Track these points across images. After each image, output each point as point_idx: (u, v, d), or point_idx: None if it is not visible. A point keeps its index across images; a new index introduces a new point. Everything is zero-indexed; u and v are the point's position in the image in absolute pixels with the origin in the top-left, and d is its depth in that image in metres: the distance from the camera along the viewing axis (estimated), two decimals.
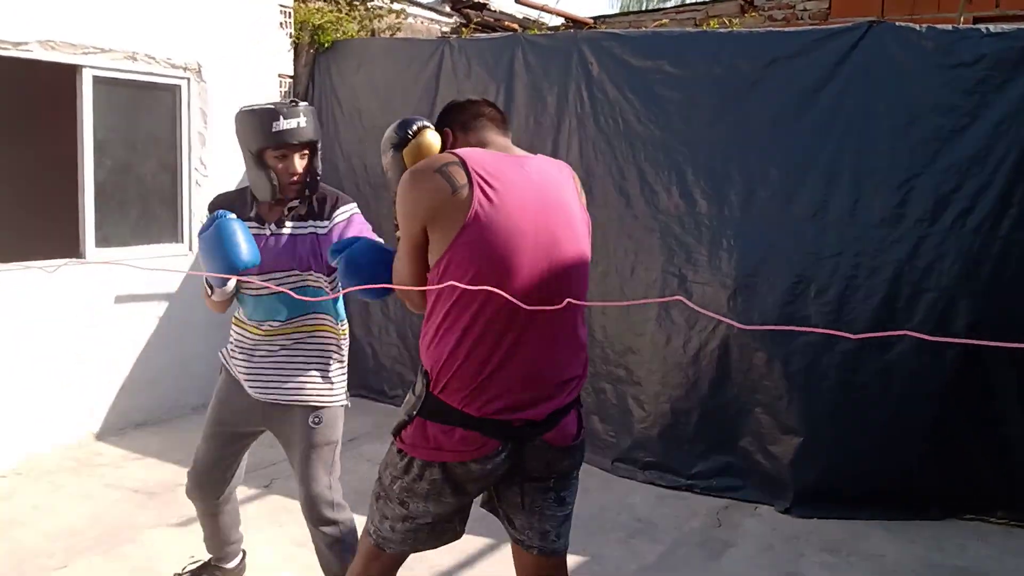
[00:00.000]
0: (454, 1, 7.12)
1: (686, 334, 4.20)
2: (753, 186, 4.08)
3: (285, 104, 2.52)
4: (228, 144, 5.11)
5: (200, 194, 5.10)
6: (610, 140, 4.45)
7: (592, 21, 7.89)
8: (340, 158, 5.55)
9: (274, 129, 2.46)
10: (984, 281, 3.68)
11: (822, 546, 3.59)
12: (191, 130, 5.05)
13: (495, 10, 7.39)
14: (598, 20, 8.10)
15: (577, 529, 3.66)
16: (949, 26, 3.78)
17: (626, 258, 4.40)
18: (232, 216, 2.40)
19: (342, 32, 5.77)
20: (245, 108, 2.55)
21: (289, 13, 5.59)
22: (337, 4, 6.01)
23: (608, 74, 4.46)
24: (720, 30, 4.82)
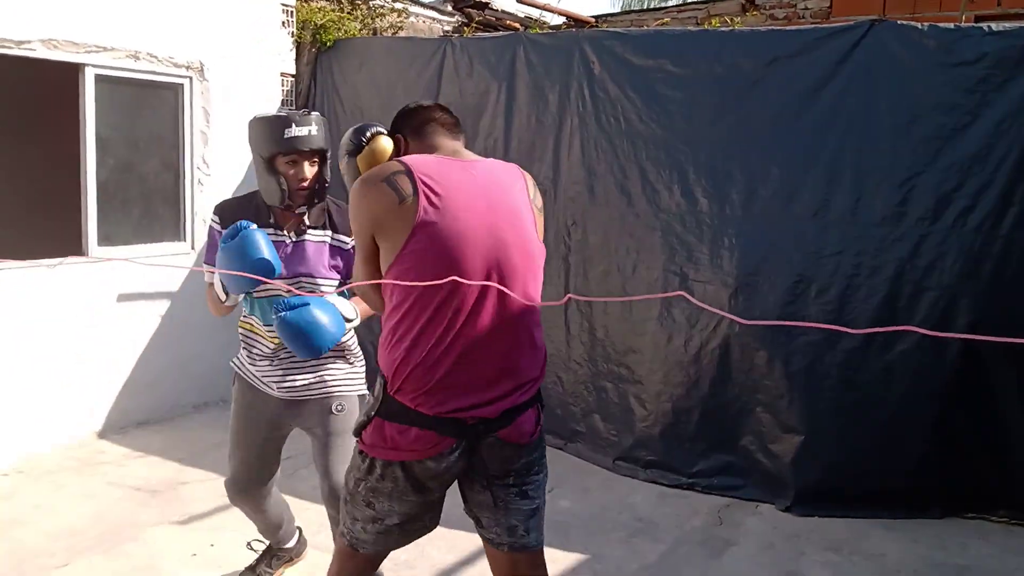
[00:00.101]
0: (456, 0, 7.13)
1: (687, 333, 4.20)
2: (754, 185, 4.08)
3: (298, 113, 2.59)
4: (230, 143, 5.14)
5: (203, 193, 5.10)
6: (612, 139, 4.45)
7: (594, 20, 7.89)
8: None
9: (286, 135, 2.52)
10: (985, 280, 3.68)
11: (823, 545, 3.60)
12: (193, 129, 5.05)
13: (497, 9, 7.39)
14: (599, 19, 8.10)
15: (578, 528, 3.70)
16: (951, 24, 3.77)
17: (628, 257, 4.40)
18: (255, 226, 2.45)
19: (344, 31, 5.77)
20: (259, 116, 2.63)
21: (291, 12, 5.60)
22: (339, 3, 6.01)
23: (610, 73, 4.46)
24: (721, 29, 4.82)
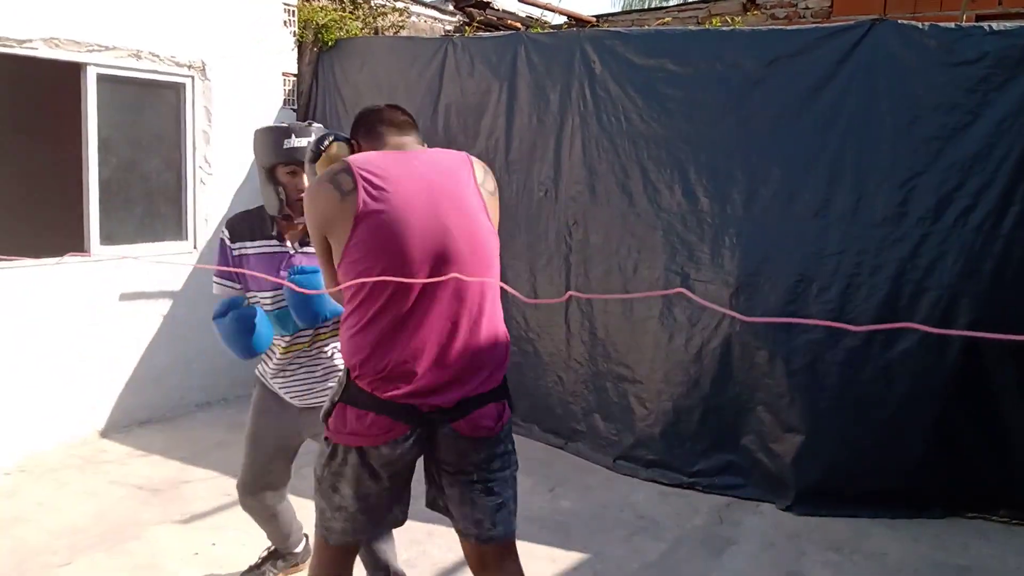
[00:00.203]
0: (457, 0, 7.13)
1: (688, 332, 4.21)
2: (755, 184, 4.08)
3: (299, 124, 2.65)
4: (232, 142, 5.15)
5: (204, 192, 5.11)
6: (613, 138, 4.45)
7: (595, 19, 7.89)
8: None
9: (285, 146, 2.58)
10: (986, 279, 3.68)
11: (824, 544, 3.60)
12: (195, 128, 5.06)
13: (498, 9, 7.39)
14: (601, 18, 8.09)
15: (579, 527, 3.71)
16: (951, 24, 3.77)
17: (629, 256, 4.40)
18: (243, 307, 2.57)
19: (345, 31, 5.78)
20: (261, 127, 2.70)
21: (293, 12, 5.61)
22: (341, 3, 6.02)
23: (611, 72, 4.46)
24: (722, 28, 4.82)
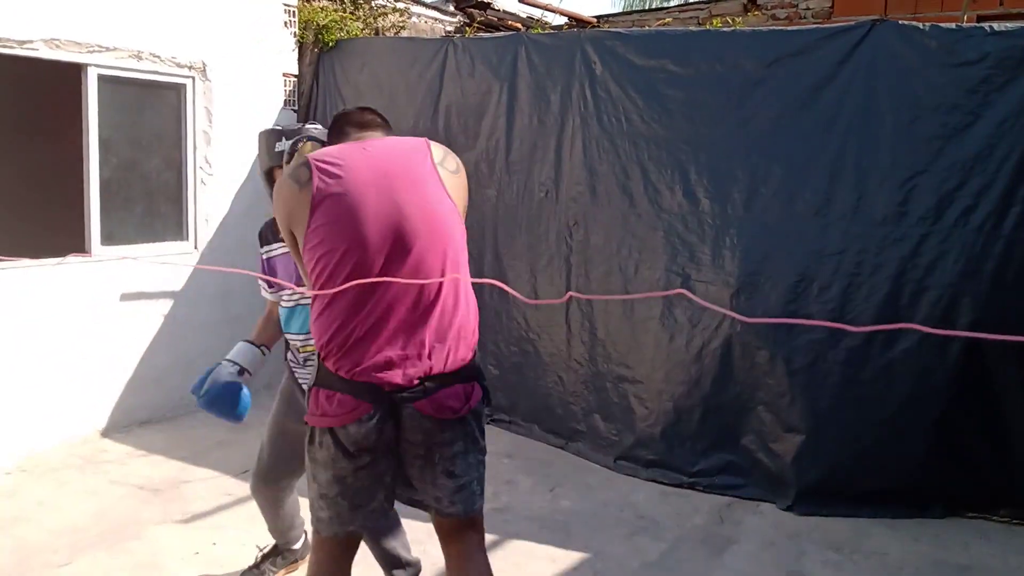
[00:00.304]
0: (458, 0, 7.13)
1: (689, 332, 4.21)
2: (756, 185, 4.08)
3: (291, 127, 2.67)
4: (233, 143, 5.15)
5: (205, 192, 5.12)
6: (613, 139, 4.45)
7: (595, 20, 7.90)
8: None
9: (276, 149, 2.62)
10: (986, 279, 3.68)
11: (825, 544, 3.60)
12: (196, 129, 5.06)
13: (499, 9, 7.40)
14: (601, 19, 8.10)
15: (579, 527, 3.71)
16: (952, 24, 3.77)
17: (629, 257, 4.41)
18: (221, 381, 2.65)
19: (346, 31, 5.78)
20: (262, 131, 2.75)
21: (293, 12, 5.61)
22: (341, 3, 6.02)
23: (611, 73, 4.46)
24: (723, 29, 4.82)
